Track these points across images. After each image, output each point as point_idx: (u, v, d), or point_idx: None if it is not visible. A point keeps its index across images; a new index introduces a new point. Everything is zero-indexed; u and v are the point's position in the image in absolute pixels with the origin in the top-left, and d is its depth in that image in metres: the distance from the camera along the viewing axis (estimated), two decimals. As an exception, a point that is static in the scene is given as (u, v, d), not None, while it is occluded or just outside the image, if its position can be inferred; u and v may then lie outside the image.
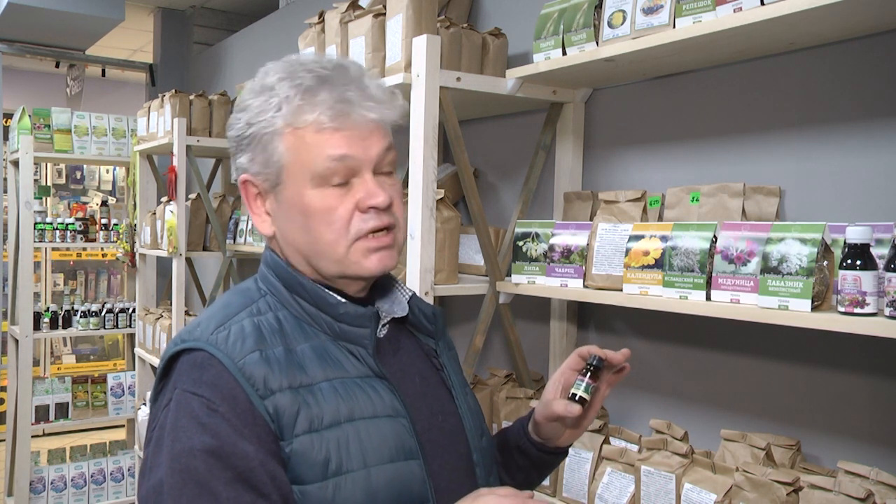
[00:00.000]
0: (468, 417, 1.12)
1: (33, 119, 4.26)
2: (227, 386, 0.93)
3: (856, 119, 1.50)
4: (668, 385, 1.87)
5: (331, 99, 0.98)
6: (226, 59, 4.46)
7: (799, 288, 1.27)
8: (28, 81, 6.75)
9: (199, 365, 0.95)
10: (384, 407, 1.00)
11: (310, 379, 0.97)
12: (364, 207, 1.00)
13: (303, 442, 0.93)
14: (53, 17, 4.07)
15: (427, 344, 1.15)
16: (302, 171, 0.99)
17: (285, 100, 0.99)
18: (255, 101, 1.02)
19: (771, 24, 1.35)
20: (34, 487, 4.26)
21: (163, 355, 1.01)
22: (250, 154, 1.03)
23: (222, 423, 0.91)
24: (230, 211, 3.57)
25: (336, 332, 1.02)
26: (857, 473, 1.33)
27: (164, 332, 3.61)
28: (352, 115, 0.99)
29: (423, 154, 1.79)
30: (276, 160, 1.01)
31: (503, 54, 2.10)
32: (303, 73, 1.00)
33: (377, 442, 0.97)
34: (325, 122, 0.98)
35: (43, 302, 6.04)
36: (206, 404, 0.92)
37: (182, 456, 0.90)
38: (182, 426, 0.91)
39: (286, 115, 0.99)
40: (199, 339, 0.97)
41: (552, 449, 1.23)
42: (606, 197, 1.73)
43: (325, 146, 0.98)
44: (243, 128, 1.03)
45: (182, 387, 0.94)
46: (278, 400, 0.93)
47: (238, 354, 0.95)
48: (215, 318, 1.01)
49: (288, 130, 0.99)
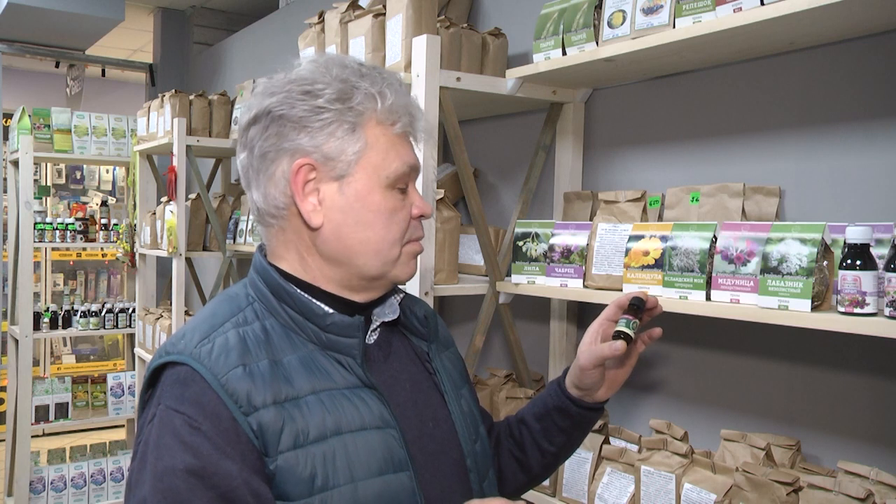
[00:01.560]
0: (461, 422, 1.10)
1: (33, 119, 4.26)
2: (210, 403, 0.91)
3: (856, 119, 1.50)
4: (668, 385, 1.87)
5: (407, 107, 1.03)
6: (226, 59, 4.46)
7: (799, 288, 1.27)
8: (28, 81, 6.75)
9: (182, 381, 0.93)
10: (373, 418, 0.98)
11: (296, 392, 0.95)
12: (416, 216, 1.05)
13: (287, 458, 0.92)
14: (53, 17, 4.07)
15: (419, 347, 1.13)
16: (377, 168, 1.00)
17: (378, 95, 1.00)
18: (330, 89, 0.98)
19: (771, 24, 1.35)
20: (34, 487, 4.26)
21: (148, 365, 1.00)
22: (322, 138, 0.98)
23: (205, 442, 0.89)
24: (230, 211, 3.57)
25: (323, 342, 1.00)
26: (857, 473, 1.33)
27: (163, 332, 3.61)
28: (416, 127, 1.05)
29: (423, 154, 1.79)
30: (354, 150, 0.99)
31: (503, 54, 2.10)
32: (375, 75, 1.02)
33: (364, 455, 0.96)
34: (404, 127, 1.03)
35: (43, 302, 6.04)
36: (188, 422, 0.90)
37: (165, 475, 0.89)
38: (165, 444, 0.90)
39: (378, 109, 1.00)
40: (183, 353, 0.95)
41: (591, 404, 1.21)
42: (606, 197, 1.73)
43: (401, 150, 1.02)
44: (315, 109, 0.97)
45: (165, 403, 0.93)
46: (262, 416, 0.92)
47: (221, 370, 0.93)
48: (199, 330, 0.98)
49: (372, 124, 1.00)
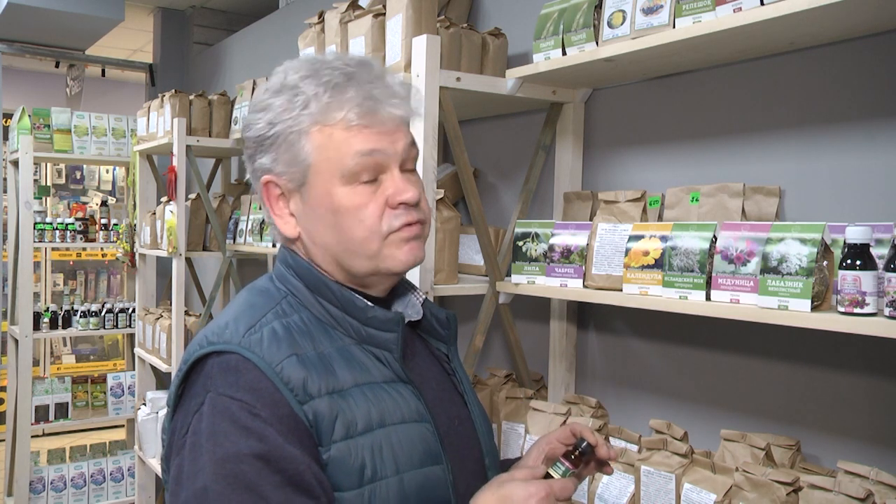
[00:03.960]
0: (480, 422, 1.12)
1: (33, 119, 4.26)
2: (267, 390, 0.90)
3: (856, 119, 1.50)
4: (668, 385, 1.87)
5: (358, 96, 0.98)
6: (226, 59, 4.46)
7: (799, 288, 1.27)
8: (28, 81, 6.75)
9: (234, 368, 0.92)
10: (411, 412, 0.99)
11: (341, 384, 0.95)
12: (394, 203, 1.00)
13: (340, 448, 0.92)
14: (53, 17, 4.07)
15: (438, 349, 1.14)
16: (331, 168, 0.98)
17: (313, 97, 0.98)
18: (277, 100, 1.00)
19: (771, 24, 1.35)
20: (34, 487, 4.26)
21: (186, 357, 0.98)
22: (274, 154, 1.01)
23: (266, 428, 0.89)
24: (230, 211, 3.57)
25: (362, 336, 1.00)
26: (857, 473, 1.33)
27: (163, 332, 3.61)
28: (379, 113, 0.99)
29: (423, 154, 1.79)
30: (302, 159, 0.99)
31: (503, 54, 2.10)
32: (328, 71, 0.99)
33: (407, 447, 0.96)
34: (353, 119, 0.98)
35: (43, 302, 6.04)
36: (246, 408, 0.89)
37: (228, 461, 0.87)
38: (223, 430, 0.89)
39: (314, 113, 0.98)
40: (231, 342, 0.94)
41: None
42: (606, 197, 1.73)
43: (353, 142, 0.98)
44: (265, 127, 1.01)
45: (217, 390, 0.91)
46: (317, 405, 0.92)
47: (275, 358, 0.92)
48: (243, 320, 0.98)
49: (315, 129, 0.98)
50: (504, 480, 0.96)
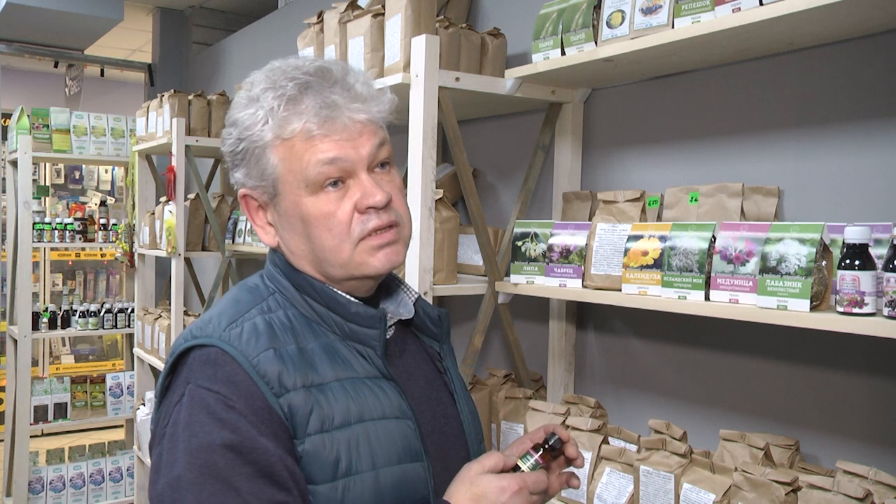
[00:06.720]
0: (469, 422, 1.12)
1: (32, 119, 4.26)
2: (244, 383, 0.92)
3: (855, 119, 1.50)
4: (667, 385, 1.87)
5: (315, 105, 0.97)
6: (225, 59, 4.46)
7: (797, 288, 1.27)
8: (26, 81, 6.74)
9: (213, 361, 0.94)
10: (392, 408, 1.00)
11: (321, 378, 0.97)
12: (362, 208, 0.99)
13: (314, 441, 0.93)
14: (52, 17, 4.07)
15: (431, 347, 1.15)
16: (296, 179, 0.99)
17: (270, 112, 0.98)
18: (243, 114, 1.01)
19: (770, 24, 1.35)
20: (33, 487, 4.26)
21: (172, 351, 1.00)
22: (245, 169, 1.02)
23: (240, 420, 0.90)
24: (229, 211, 3.57)
25: (345, 332, 1.02)
26: (856, 473, 1.33)
27: (162, 332, 3.61)
28: (339, 119, 0.98)
29: (422, 154, 1.79)
30: (269, 172, 1.00)
31: (502, 54, 2.10)
32: (284, 82, 0.98)
33: (386, 443, 0.97)
34: (312, 129, 0.97)
35: (41, 302, 6.04)
36: (222, 400, 0.91)
37: (201, 451, 0.89)
38: (198, 421, 0.91)
39: (273, 127, 0.98)
40: (212, 336, 0.96)
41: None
42: (605, 197, 1.73)
43: (314, 152, 0.97)
44: (235, 143, 1.02)
45: (196, 382, 0.93)
46: (292, 398, 0.93)
47: (252, 352, 0.94)
48: (226, 315, 1.00)
49: (277, 142, 0.99)
50: (476, 473, 0.96)
